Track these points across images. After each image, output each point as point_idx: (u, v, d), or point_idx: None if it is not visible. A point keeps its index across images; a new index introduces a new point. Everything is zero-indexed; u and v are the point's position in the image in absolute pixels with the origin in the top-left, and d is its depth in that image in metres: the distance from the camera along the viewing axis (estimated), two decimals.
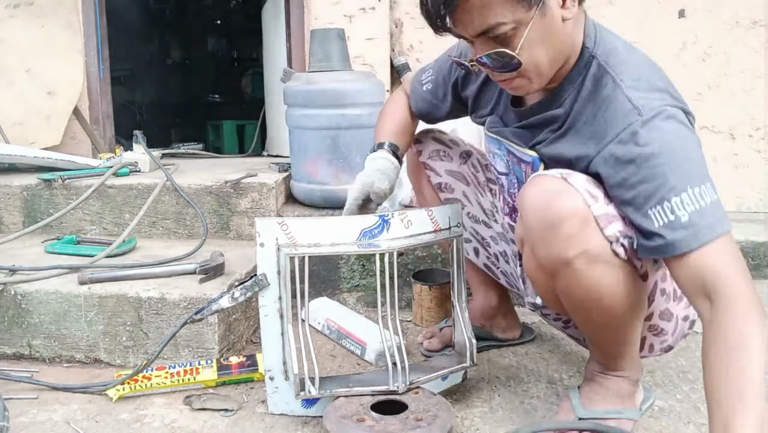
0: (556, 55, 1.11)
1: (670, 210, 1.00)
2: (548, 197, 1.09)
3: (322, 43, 2.15)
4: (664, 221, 1.01)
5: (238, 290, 1.33)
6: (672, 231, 1.00)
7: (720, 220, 1.00)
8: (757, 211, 2.59)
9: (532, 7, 1.03)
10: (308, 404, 1.35)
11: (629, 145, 1.04)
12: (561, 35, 1.09)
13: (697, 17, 2.55)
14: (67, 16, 2.68)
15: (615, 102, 1.08)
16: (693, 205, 0.99)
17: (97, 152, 2.74)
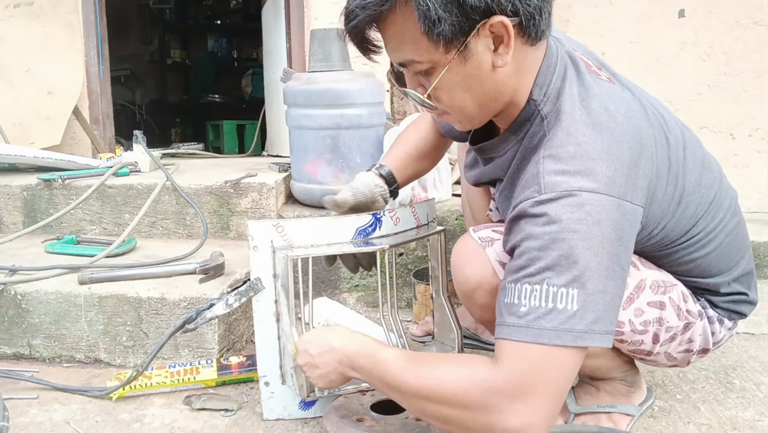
0: (487, 102, 1.03)
1: (517, 295, 0.93)
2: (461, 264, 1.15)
3: (322, 43, 2.15)
4: (509, 300, 0.94)
5: (232, 296, 1.32)
6: (508, 315, 0.93)
7: (556, 331, 0.89)
8: (757, 211, 2.59)
9: (450, 50, 0.95)
10: (306, 406, 1.35)
11: (518, 221, 0.97)
12: (490, 82, 1.00)
13: (697, 17, 2.55)
14: (67, 16, 2.68)
15: (529, 171, 1.00)
16: (538, 301, 0.91)
17: (97, 152, 2.74)
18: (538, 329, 0.90)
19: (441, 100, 1.03)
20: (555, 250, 0.91)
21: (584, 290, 0.90)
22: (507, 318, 0.93)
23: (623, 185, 0.96)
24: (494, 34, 0.95)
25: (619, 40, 2.61)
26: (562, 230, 0.91)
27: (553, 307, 0.90)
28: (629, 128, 1.00)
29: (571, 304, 0.90)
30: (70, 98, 2.67)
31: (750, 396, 1.44)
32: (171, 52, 5.96)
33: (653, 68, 2.60)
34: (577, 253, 0.91)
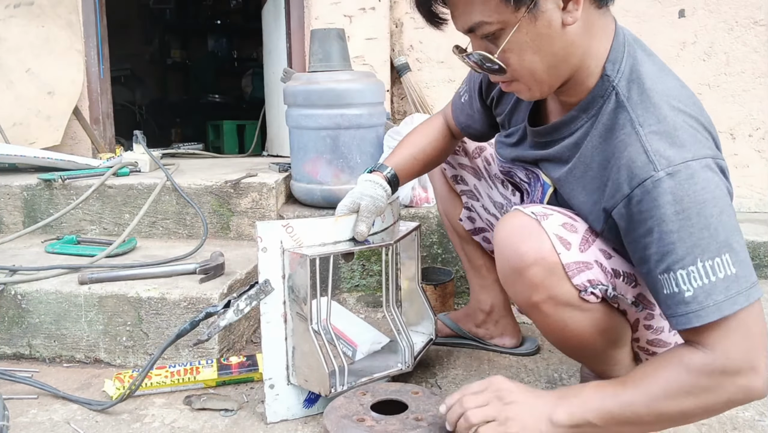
0: (557, 63, 1.01)
1: (675, 283, 0.94)
2: (516, 240, 1.06)
3: (322, 43, 2.15)
4: (668, 291, 0.95)
5: (242, 301, 1.28)
6: (675, 305, 0.95)
7: (731, 298, 0.92)
8: (757, 211, 2.59)
9: (520, 8, 0.94)
10: (309, 403, 1.36)
11: (642, 205, 0.96)
12: (560, 42, 0.99)
13: (697, 17, 2.55)
14: (67, 16, 2.68)
15: (630, 151, 0.98)
16: (700, 281, 0.92)
17: (97, 152, 2.74)
18: (713, 305, 0.92)
19: (510, 63, 1.01)
20: (694, 226, 0.92)
21: (733, 251, 0.93)
22: (676, 309, 0.95)
23: (713, 148, 0.99)
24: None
25: None
26: (692, 204, 0.93)
27: (716, 279, 0.92)
28: (699, 105, 1.04)
29: (730, 268, 0.92)
30: (70, 98, 2.67)
31: None
32: (171, 52, 5.97)
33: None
34: (713, 221, 0.93)
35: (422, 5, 1.02)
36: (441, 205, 1.69)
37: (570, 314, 1.08)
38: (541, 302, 1.08)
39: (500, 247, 1.10)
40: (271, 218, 2.12)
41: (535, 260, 1.05)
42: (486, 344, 1.69)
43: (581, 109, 1.07)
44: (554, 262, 1.04)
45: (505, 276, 1.11)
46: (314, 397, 1.35)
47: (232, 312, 1.28)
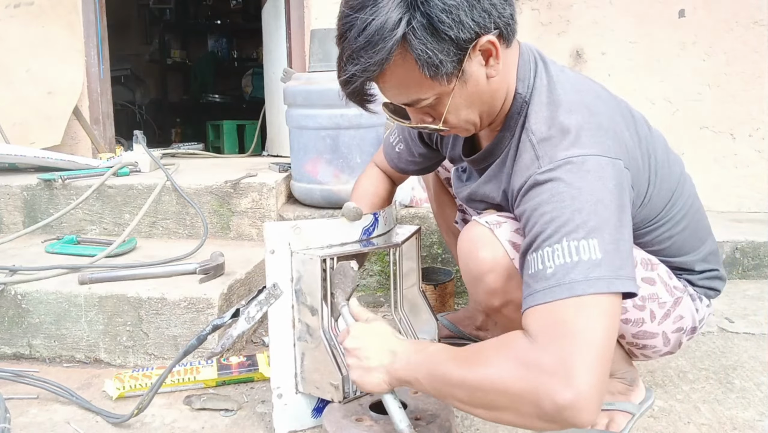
0: (488, 108, 1.10)
1: (541, 260, 0.94)
2: (473, 249, 1.11)
3: (322, 43, 2.15)
4: (533, 270, 0.95)
5: (252, 307, 1.23)
6: (535, 282, 0.93)
7: (588, 281, 0.90)
8: (758, 212, 2.59)
9: (451, 80, 1.02)
10: (317, 412, 1.33)
11: (526, 197, 1.01)
12: (488, 93, 1.07)
13: (697, 17, 2.55)
14: (67, 16, 2.68)
15: (525, 157, 1.06)
16: (563, 259, 0.92)
17: (97, 152, 2.74)
18: (569, 283, 0.90)
19: (449, 122, 1.09)
20: (567, 208, 0.95)
21: (603, 239, 0.93)
22: (535, 285, 0.93)
23: (611, 148, 1.02)
24: (482, 51, 1.02)
25: (619, 40, 2.61)
26: (568, 188, 0.96)
27: (579, 259, 0.91)
28: (600, 103, 1.09)
29: (595, 253, 0.92)
30: (70, 98, 2.67)
31: (750, 396, 1.44)
32: (171, 52, 5.97)
33: (653, 68, 2.60)
34: (588, 207, 0.95)
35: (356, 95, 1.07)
36: (436, 208, 1.71)
37: None
38: (502, 307, 1.12)
39: (461, 256, 1.16)
40: (271, 218, 2.12)
41: (491, 267, 1.10)
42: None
43: (504, 129, 1.15)
44: (509, 267, 1.08)
45: (467, 283, 1.16)
46: (323, 407, 1.32)
47: (243, 320, 1.22)
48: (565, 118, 1.04)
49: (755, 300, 1.99)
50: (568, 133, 1.02)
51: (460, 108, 1.07)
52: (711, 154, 2.58)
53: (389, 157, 1.53)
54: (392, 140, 1.51)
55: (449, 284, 1.92)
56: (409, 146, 1.47)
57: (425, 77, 1.00)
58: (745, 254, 2.11)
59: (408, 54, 0.98)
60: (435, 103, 1.06)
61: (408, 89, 1.04)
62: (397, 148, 1.50)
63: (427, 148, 1.44)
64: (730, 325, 1.83)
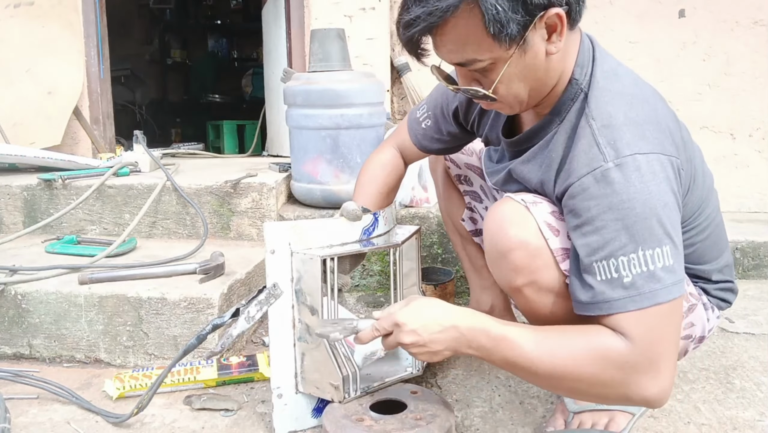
0: (539, 86, 1.08)
1: (615, 268, 0.97)
2: (503, 224, 1.09)
3: (322, 43, 2.15)
4: (605, 277, 0.98)
5: (252, 307, 1.24)
6: (611, 289, 0.97)
7: (666, 288, 0.96)
8: (758, 211, 2.59)
9: (512, 46, 0.99)
10: (317, 412, 1.33)
11: (588, 192, 1.00)
12: (543, 69, 1.05)
13: (697, 17, 2.55)
14: (67, 16, 2.68)
15: (583, 143, 1.04)
16: (640, 268, 0.96)
17: (97, 152, 2.74)
18: (650, 292, 0.96)
19: (498, 92, 1.07)
20: (638, 216, 0.96)
21: (672, 242, 0.98)
22: (612, 293, 0.97)
23: (670, 145, 1.03)
24: (548, 25, 1.00)
25: (619, 40, 2.61)
26: (637, 193, 0.97)
27: (654, 268, 0.96)
28: (658, 102, 1.09)
29: (668, 259, 0.97)
30: (70, 98, 2.67)
31: (750, 396, 1.44)
32: (171, 52, 5.96)
33: (653, 68, 2.60)
34: (657, 212, 0.97)
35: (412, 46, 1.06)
36: (443, 204, 1.69)
37: (552, 300, 1.10)
38: (524, 286, 1.10)
39: (488, 231, 1.13)
40: (271, 217, 2.12)
41: (519, 244, 1.07)
42: None
43: (553, 113, 1.13)
44: (539, 246, 1.07)
45: (491, 259, 1.14)
46: (323, 407, 1.32)
47: (243, 320, 1.23)
48: (629, 110, 1.03)
49: (755, 300, 1.99)
50: (633, 125, 1.01)
51: (512, 79, 1.04)
52: (711, 154, 2.57)
53: (413, 132, 1.48)
54: (419, 115, 1.47)
55: (449, 284, 1.92)
56: (438, 123, 1.43)
57: (487, 35, 0.98)
58: (745, 254, 2.12)
59: (476, 7, 0.96)
60: (489, 68, 1.03)
61: (466, 47, 1.01)
62: (423, 124, 1.46)
63: (459, 128, 1.41)
64: (730, 325, 1.83)
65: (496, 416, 1.37)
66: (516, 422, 1.34)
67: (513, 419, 1.36)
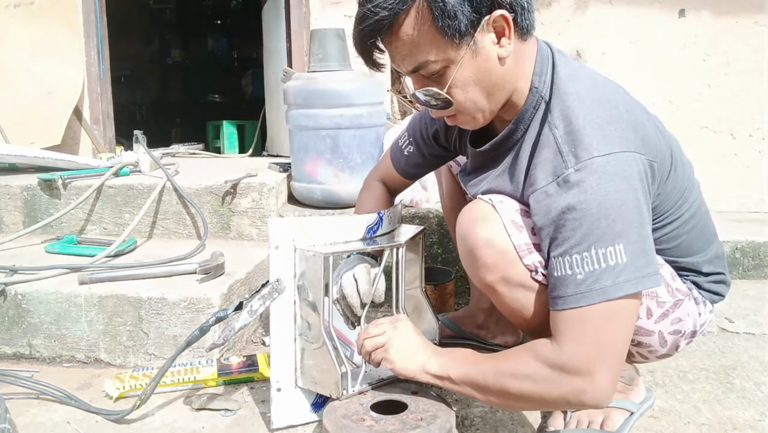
0: (495, 92, 1.10)
1: (569, 265, 1.01)
2: (471, 224, 1.13)
3: (322, 43, 2.15)
4: (561, 273, 1.02)
5: (255, 301, 1.25)
6: (565, 286, 1.01)
7: (617, 284, 0.99)
8: (758, 211, 2.59)
9: (462, 46, 1.02)
10: (316, 408, 1.33)
11: (551, 197, 1.04)
12: (497, 73, 1.08)
13: (697, 17, 2.55)
14: (67, 16, 2.68)
15: (547, 151, 1.07)
16: (592, 266, 0.99)
17: (97, 152, 2.74)
18: (600, 289, 0.99)
19: (455, 97, 1.09)
20: (593, 216, 0.99)
21: (628, 240, 0.99)
22: (564, 290, 1.01)
23: (634, 141, 1.05)
24: (495, 28, 1.04)
25: (619, 40, 2.61)
26: (595, 194, 1.00)
27: (606, 266, 0.99)
28: (620, 98, 1.11)
29: (621, 257, 0.99)
30: (70, 98, 2.67)
31: (750, 396, 1.44)
32: (171, 52, 5.96)
33: (653, 68, 2.60)
34: (613, 212, 0.99)
35: (365, 49, 1.09)
36: (446, 202, 1.69)
37: (524, 294, 1.12)
38: (495, 283, 1.12)
39: (459, 231, 1.16)
40: (271, 218, 2.12)
41: (486, 242, 1.10)
42: (487, 343, 1.70)
43: (516, 122, 1.15)
44: (505, 243, 1.10)
45: (464, 258, 1.17)
46: (321, 402, 1.32)
47: (246, 313, 1.25)
48: (588, 112, 1.06)
49: (755, 300, 1.99)
50: (593, 128, 1.04)
51: (467, 83, 1.07)
52: (711, 154, 2.58)
53: (397, 162, 1.52)
54: (401, 143, 1.51)
55: (449, 283, 1.92)
56: (421, 148, 1.46)
57: (436, 33, 1.01)
58: (745, 254, 2.12)
59: (426, 5, 1.00)
60: (442, 71, 1.06)
61: (418, 48, 1.04)
62: (406, 151, 1.49)
63: (442, 149, 1.44)
64: (730, 325, 1.83)
65: (496, 416, 1.37)
66: (516, 422, 1.34)
67: (513, 419, 1.36)
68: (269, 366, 1.32)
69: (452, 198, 1.66)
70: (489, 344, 1.69)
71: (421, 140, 1.45)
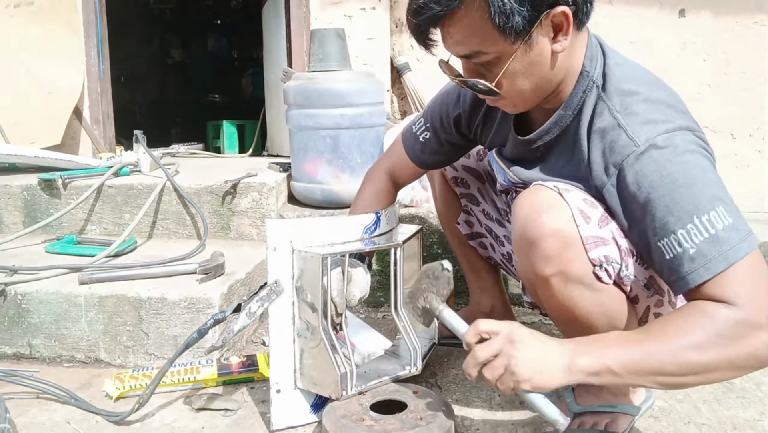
0: (543, 84, 1.09)
1: (678, 243, 0.97)
2: (536, 212, 1.07)
3: (322, 43, 2.15)
4: (672, 254, 0.98)
5: (254, 303, 1.25)
6: (680, 265, 0.98)
7: (734, 246, 0.95)
8: (758, 211, 2.59)
9: (517, 40, 1.01)
10: (316, 409, 1.33)
11: (628, 180, 1.02)
12: (548, 67, 1.07)
13: (697, 17, 2.55)
14: (67, 16, 2.68)
15: (611, 135, 1.06)
16: (701, 235, 0.96)
17: (98, 152, 2.74)
18: (719, 256, 0.95)
19: (501, 87, 1.08)
20: (682, 186, 0.98)
21: (725, 202, 0.98)
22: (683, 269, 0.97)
23: (693, 123, 1.07)
24: (554, 23, 1.02)
25: (619, 40, 2.60)
26: (676, 166, 0.99)
27: (716, 231, 0.96)
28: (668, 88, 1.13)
29: (726, 219, 0.97)
30: (70, 98, 2.67)
31: (750, 396, 1.44)
32: (171, 52, 5.96)
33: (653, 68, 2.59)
34: (699, 178, 0.99)
35: (420, 35, 1.08)
36: (439, 207, 1.69)
37: (579, 292, 1.08)
38: (552, 276, 1.08)
39: (518, 218, 1.10)
40: (271, 218, 2.12)
41: (552, 231, 1.05)
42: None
43: (566, 108, 1.13)
44: (572, 235, 1.05)
45: (519, 247, 1.12)
46: (321, 403, 1.32)
47: (245, 315, 1.25)
48: (649, 95, 1.07)
49: None
50: (655, 109, 1.05)
51: (517, 75, 1.06)
52: None
53: (411, 149, 1.48)
54: (415, 129, 1.47)
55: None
56: (438, 135, 1.43)
57: (493, 28, 1.00)
58: None
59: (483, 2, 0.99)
60: (494, 61, 1.05)
61: (471, 38, 1.03)
62: (421, 137, 1.46)
63: (460, 137, 1.41)
64: None
65: (496, 416, 1.37)
66: (516, 423, 1.34)
67: (513, 419, 1.36)
68: (269, 366, 1.32)
69: (446, 202, 1.65)
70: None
71: (440, 126, 1.42)
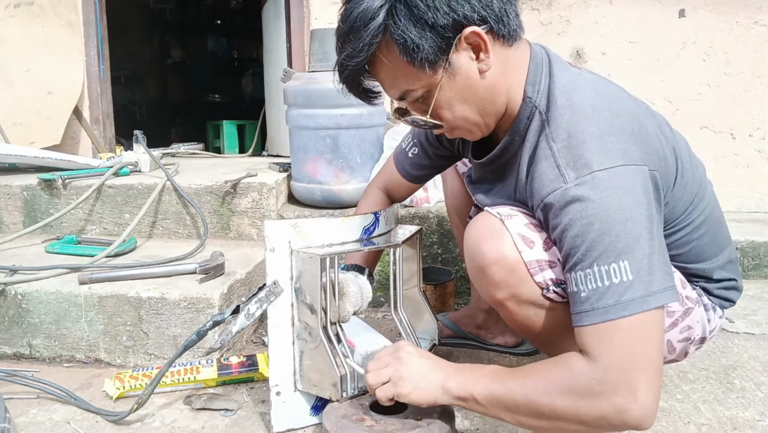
0: (486, 106, 1.08)
1: (575, 282, 0.97)
2: (480, 240, 1.10)
3: (322, 43, 2.15)
4: (572, 288, 0.99)
5: (252, 304, 1.25)
6: (573, 303, 0.98)
7: (621, 303, 0.93)
8: (758, 211, 2.59)
9: (437, 71, 1.02)
10: (316, 411, 1.33)
11: (552, 213, 1.01)
12: (482, 87, 1.06)
13: (697, 17, 2.55)
14: (67, 16, 2.68)
15: (544, 164, 1.04)
16: (594, 283, 0.95)
17: (97, 152, 2.74)
18: (602, 308, 0.94)
19: (444, 117, 1.09)
20: (594, 231, 0.95)
21: (634, 257, 0.94)
22: (574, 307, 0.98)
23: (636, 153, 1.01)
24: (471, 45, 1.02)
25: (619, 40, 2.61)
26: (596, 210, 0.96)
27: (610, 284, 0.94)
28: (622, 105, 1.07)
29: (626, 275, 0.94)
30: (70, 98, 2.67)
31: (750, 396, 1.44)
32: (171, 52, 5.97)
33: (653, 68, 2.60)
34: (617, 227, 0.95)
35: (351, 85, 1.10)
36: (450, 201, 1.68)
37: (535, 312, 1.10)
38: (505, 300, 1.10)
39: (467, 246, 1.14)
40: (271, 217, 2.12)
41: (496, 259, 1.08)
42: (487, 343, 1.70)
43: (513, 133, 1.13)
44: (515, 261, 1.07)
45: (472, 275, 1.15)
46: (321, 404, 1.32)
47: (243, 317, 1.25)
48: (588, 125, 1.01)
49: (755, 300, 1.99)
50: (594, 141, 1.00)
51: (452, 102, 1.06)
52: (711, 154, 2.58)
53: (401, 165, 1.50)
54: (404, 146, 1.49)
55: (449, 283, 1.92)
56: (426, 149, 1.45)
57: (408, 65, 1.01)
58: (745, 254, 2.12)
59: (390, 41, 1.00)
60: (425, 95, 1.06)
61: (396, 80, 1.05)
62: (410, 153, 1.48)
63: (447, 150, 1.42)
64: (730, 325, 1.83)
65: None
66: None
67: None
68: (269, 366, 1.32)
69: (457, 198, 1.65)
70: (489, 344, 1.69)
71: (426, 142, 1.44)
